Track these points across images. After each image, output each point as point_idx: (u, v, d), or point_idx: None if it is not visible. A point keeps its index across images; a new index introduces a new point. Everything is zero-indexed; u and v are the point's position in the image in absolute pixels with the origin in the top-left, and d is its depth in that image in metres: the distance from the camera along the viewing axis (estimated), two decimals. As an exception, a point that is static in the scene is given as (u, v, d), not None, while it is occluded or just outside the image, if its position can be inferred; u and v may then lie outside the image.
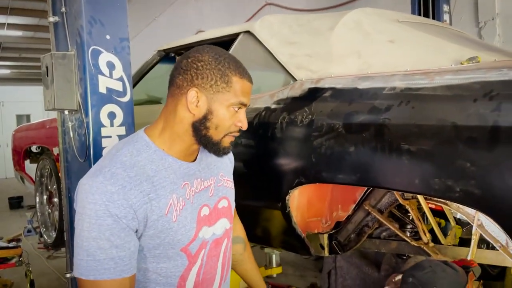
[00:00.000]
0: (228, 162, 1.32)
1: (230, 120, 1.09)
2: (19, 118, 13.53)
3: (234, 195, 1.31)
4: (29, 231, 5.49)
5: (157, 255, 1.06)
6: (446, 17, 4.09)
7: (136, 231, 1.01)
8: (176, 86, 1.09)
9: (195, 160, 1.16)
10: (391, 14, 2.15)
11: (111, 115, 1.84)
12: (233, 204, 1.30)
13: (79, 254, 0.98)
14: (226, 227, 1.22)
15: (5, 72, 13.35)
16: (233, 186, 1.30)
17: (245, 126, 1.12)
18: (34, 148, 4.26)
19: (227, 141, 1.12)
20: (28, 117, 13.47)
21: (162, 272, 1.08)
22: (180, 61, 1.10)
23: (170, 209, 1.05)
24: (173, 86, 1.10)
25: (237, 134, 1.13)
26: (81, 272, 0.97)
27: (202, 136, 1.08)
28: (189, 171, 1.12)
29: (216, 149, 1.11)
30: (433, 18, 4.04)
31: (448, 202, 1.60)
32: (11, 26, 8.83)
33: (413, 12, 4.15)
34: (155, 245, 1.05)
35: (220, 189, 1.22)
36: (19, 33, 9.35)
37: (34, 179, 4.18)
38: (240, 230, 1.46)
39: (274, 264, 2.63)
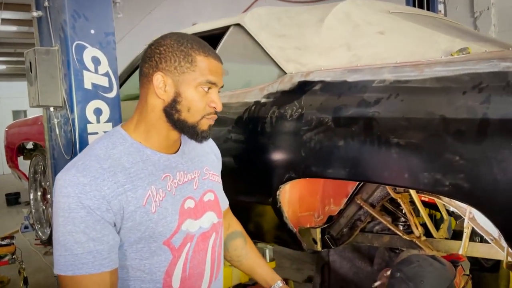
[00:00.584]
0: (214, 157, 1.30)
1: (201, 101, 1.06)
2: (16, 113, 13.49)
3: (221, 190, 1.28)
4: (26, 227, 5.43)
5: (139, 250, 1.04)
6: (441, 7, 4.06)
7: (115, 225, 1.00)
8: (144, 75, 1.08)
9: (176, 152, 1.14)
10: (382, 5, 2.11)
11: (97, 111, 1.82)
12: (221, 199, 1.28)
13: (57, 250, 0.97)
14: (214, 221, 1.19)
15: (1, 67, 13.27)
16: (219, 181, 1.28)
17: (219, 107, 1.09)
18: (28, 145, 4.23)
19: (204, 124, 1.09)
20: (25, 112, 13.42)
21: (146, 269, 1.06)
22: (145, 51, 1.09)
23: (149, 200, 1.03)
24: (142, 76, 1.09)
25: (214, 116, 1.10)
26: (60, 268, 0.97)
27: (176, 121, 1.06)
28: (171, 164, 1.10)
29: (194, 132, 1.08)
30: (428, 8, 4.01)
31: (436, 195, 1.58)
32: (6, 21, 8.75)
33: (407, 2, 4.11)
34: (136, 239, 1.03)
35: (205, 182, 1.20)
36: (13, 28, 9.27)
37: (27, 176, 4.15)
38: (236, 225, 1.44)
39: (267, 259, 2.62)
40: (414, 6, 3.99)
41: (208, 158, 1.25)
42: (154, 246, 1.05)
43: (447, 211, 2.08)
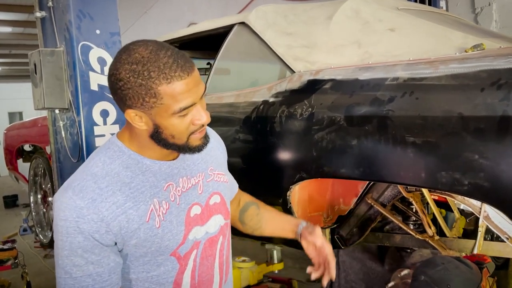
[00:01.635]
0: (219, 153, 1.24)
1: (182, 125, 0.97)
2: (12, 115, 13.43)
3: (227, 189, 1.23)
4: (24, 230, 5.42)
5: (146, 263, 1.02)
6: (442, 3, 4.04)
7: (116, 244, 0.97)
8: (118, 104, 1.00)
9: (178, 157, 1.09)
10: (390, 1, 2.09)
11: (104, 113, 1.78)
12: (227, 199, 1.23)
13: (57, 272, 0.96)
14: (221, 223, 1.15)
15: (-4, 69, 13.21)
16: (226, 179, 1.21)
17: (205, 121, 0.99)
18: (26, 147, 4.20)
19: (195, 140, 1.01)
20: (20, 114, 13.36)
21: (153, 281, 1.03)
22: (107, 78, 0.98)
23: (152, 215, 0.99)
24: (117, 103, 1.01)
25: (203, 129, 1.02)
26: None
27: (165, 145, 1.00)
28: (172, 170, 1.06)
29: (187, 150, 1.02)
30: (430, 4, 3.99)
31: (453, 194, 1.55)
32: (0, 22, 8.70)
33: (409, -1, 4.09)
34: (142, 253, 1.00)
35: (210, 184, 1.14)
36: (8, 29, 9.21)
37: (27, 178, 4.12)
38: (246, 197, 1.39)
39: (275, 260, 2.59)
40: (416, 2, 3.97)
41: (212, 155, 1.19)
42: (161, 259, 1.02)
43: (458, 209, 2.06)
